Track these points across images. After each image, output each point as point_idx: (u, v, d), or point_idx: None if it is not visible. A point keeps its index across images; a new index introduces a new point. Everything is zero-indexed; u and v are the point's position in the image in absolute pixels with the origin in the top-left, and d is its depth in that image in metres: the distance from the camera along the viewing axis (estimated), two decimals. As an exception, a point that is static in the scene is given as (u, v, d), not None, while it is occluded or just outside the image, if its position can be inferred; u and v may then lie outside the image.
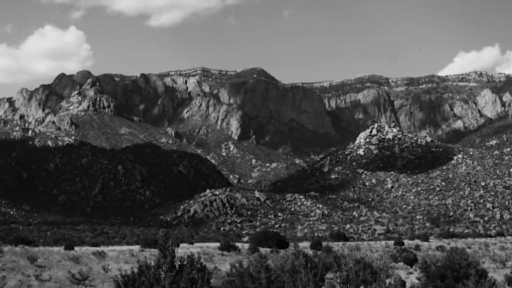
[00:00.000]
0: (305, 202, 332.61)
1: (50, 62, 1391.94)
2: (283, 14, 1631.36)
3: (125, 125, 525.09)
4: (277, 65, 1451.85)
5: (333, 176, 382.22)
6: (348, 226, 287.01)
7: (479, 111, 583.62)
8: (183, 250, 78.16)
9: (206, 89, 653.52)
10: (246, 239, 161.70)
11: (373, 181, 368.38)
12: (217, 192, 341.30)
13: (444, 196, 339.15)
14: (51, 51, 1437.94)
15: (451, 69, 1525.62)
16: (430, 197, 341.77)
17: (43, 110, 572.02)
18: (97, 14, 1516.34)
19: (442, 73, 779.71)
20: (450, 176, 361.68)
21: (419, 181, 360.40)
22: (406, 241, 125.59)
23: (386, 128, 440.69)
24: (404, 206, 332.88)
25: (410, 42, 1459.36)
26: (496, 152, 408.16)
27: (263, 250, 78.24)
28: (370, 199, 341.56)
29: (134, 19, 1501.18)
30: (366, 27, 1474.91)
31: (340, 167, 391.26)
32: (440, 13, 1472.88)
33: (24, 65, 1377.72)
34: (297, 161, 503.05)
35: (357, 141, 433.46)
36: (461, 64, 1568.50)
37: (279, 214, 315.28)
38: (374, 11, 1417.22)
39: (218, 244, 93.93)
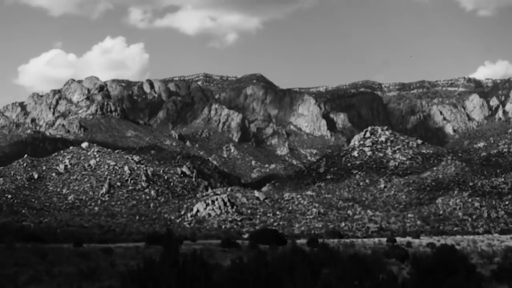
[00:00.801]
0: (302, 201, 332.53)
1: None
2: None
3: (131, 128, 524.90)
4: (275, 71, 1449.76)
5: (328, 177, 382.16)
6: (343, 224, 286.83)
7: (468, 115, 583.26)
8: (186, 246, 78.10)
9: (208, 94, 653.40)
10: (246, 236, 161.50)
11: (367, 181, 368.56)
12: (218, 192, 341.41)
13: (434, 196, 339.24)
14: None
15: (441, 75, 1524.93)
16: (421, 196, 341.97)
17: (53, 113, 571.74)
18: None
19: (432, 78, 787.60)
20: (440, 176, 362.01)
21: (411, 181, 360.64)
22: (398, 238, 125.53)
23: (379, 131, 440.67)
24: (396, 205, 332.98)
25: (401, 49, 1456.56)
26: (484, 154, 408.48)
27: (262, 246, 78.17)
28: (364, 199, 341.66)
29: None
30: (360, 35, 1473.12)
31: (335, 168, 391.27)
32: (430, 23, 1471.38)
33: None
34: (294, 162, 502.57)
35: (351, 144, 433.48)
36: (451, 69, 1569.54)
37: (278, 212, 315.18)
38: (367, 20, 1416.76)
39: (219, 241, 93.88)
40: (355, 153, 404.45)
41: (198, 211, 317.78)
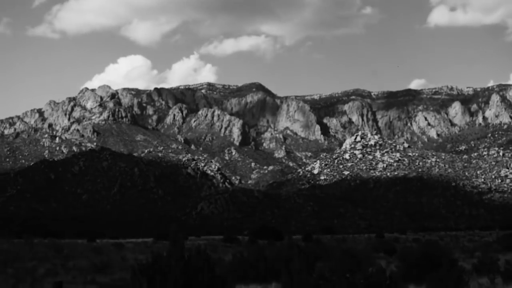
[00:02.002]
0: (298, 200, 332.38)
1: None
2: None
3: (140, 133, 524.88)
4: (273, 80, 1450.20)
5: (322, 178, 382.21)
6: (335, 221, 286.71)
7: (450, 121, 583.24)
8: (191, 242, 78.10)
9: (212, 101, 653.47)
10: (246, 232, 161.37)
11: (357, 181, 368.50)
12: (221, 192, 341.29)
13: (420, 195, 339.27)
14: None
15: (426, 84, 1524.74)
16: (407, 195, 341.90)
17: (69, 119, 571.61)
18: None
19: (417, 87, 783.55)
20: (425, 177, 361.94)
21: (398, 181, 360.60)
22: (386, 234, 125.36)
23: (369, 135, 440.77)
24: (384, 204, 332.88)
25: (389, 59, 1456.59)
26: (465, 156, 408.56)
27: (261, 242, 78.06)
28: (354, 197, 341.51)
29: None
30: (351, 45, 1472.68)
31: (329, 170, 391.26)
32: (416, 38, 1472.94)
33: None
34: (290, 164, 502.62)
35: (343, 147, 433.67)
36: (435, 78, 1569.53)
37: (275, 210, 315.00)
38: (357, 33, 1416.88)
39: (221, 237, 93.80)
40: (347, 156, 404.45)
41: (202, 209, 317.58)
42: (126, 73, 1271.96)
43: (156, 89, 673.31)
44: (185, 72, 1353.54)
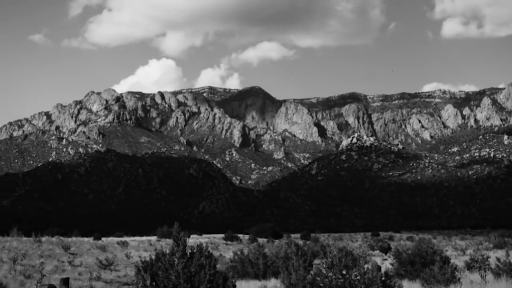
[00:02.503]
0: (296, 200, 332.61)
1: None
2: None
3: (144, 135, 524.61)
4: (272, 83, 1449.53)
5: (319, 178, 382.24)
6: (332, 220, 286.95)
7: (443, 123, 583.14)
8: (193, 240, 78.00)
9: (213, 104, 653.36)
10: (246, 231, 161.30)
11: (354, 182, 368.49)
12: (222, 191, 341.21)
13: (414, 195, 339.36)
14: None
15: (419, 87, 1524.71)
16: (401, 195, 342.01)
17: (75, 122, 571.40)
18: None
19: (411, 90, 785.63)
20: (419, 178, 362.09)
21: (392, 182, 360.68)
22: (381, 233, 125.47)
23: (365, 137, 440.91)
24: (379, 203, 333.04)
25: (384, 64, 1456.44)
26: (457, 157, 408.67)
27: (261, 240, 78.10)
28: (351, 197, 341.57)
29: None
30: (347, 51, 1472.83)
31: (326, 170, 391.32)
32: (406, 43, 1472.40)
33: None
34: (289, 165, 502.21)
35: (340, 148, 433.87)
36: (428, 82, 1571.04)
37: (274, 209, 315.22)
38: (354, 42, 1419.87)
39: (222, 235, 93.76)
40: (343, 157, 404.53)
41: (204, 208, 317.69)
42: (157, 80, 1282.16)
43: (159, 92, 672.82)
44: (211, 80, 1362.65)
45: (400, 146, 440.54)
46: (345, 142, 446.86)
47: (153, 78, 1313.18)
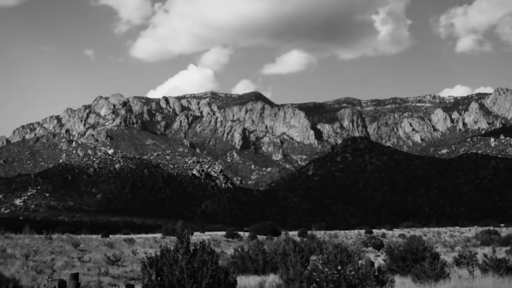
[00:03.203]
0: (293, 199, 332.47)
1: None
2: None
3: (149, 138, 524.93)
4: (271, 89, 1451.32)
5: (316, 178, 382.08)
6: (328, 218, 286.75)
7: (433, 127, 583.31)
8: (196, 237, 78.02)
9: (215, 108, 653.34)
10: (246, 228, 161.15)
11: (348, 182, 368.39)
12: (224, 191, 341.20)
13: (405, 194, 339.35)
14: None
15: (410, 92, 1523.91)
16: (393, 195, 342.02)
17: (84, 125, 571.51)
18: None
19: (403, 96, 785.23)
20: (410, 178, 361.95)
21: (385, 182, 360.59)
22: (374, 230, 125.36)
23: (359, 140, 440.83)
24: (373, 202, 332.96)
25: (376, 70, 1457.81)
26: (447, 159, 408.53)
27: (260, 237, 78.01)
28: (345, 197, 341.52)
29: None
30: (342, 58, 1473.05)
31: (322, 171, 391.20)
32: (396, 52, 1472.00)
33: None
34: (287, 166, 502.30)
35: (335, 150, 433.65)
36: (419, 87, 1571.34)
37: (273, 208, 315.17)
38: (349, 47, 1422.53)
39: (224, 233, 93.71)
40: (338, 158, 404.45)
41: (206, 207, 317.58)
42: (193, 87, 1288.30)
43: (164, 97, 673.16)
44: (243, 92, 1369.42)
45: (393, 149, 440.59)
46: (340, 145, 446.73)
47: (190, 85, 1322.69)
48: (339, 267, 15.56)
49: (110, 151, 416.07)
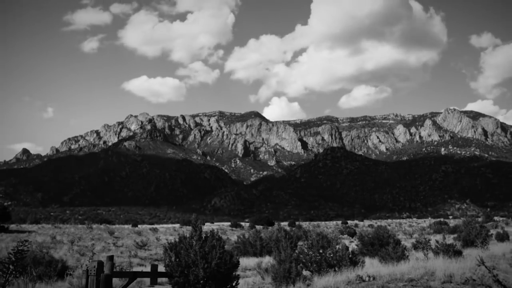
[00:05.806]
0: (284, 196, 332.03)
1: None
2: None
3: (170, 148, 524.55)
4: (266, 109, 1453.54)
5: (302, 180, 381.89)
6: (312, 211, 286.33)
7: (396, 139, 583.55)
8: (207, 227, 77.93)
9: (222, 124, 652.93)
10: (247, 220, 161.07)
11: (328, 183, 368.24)
12: (229, 190, 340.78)
13: (373, 193, 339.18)
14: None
15: (378, 111, 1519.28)
16: (364, 193, 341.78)
17: (118, 137, 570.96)
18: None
19: (372, 114, 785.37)
20: (377, 180, 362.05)
21: (357, 183, 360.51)
22: (349, 221, 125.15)
23: (336, 149, 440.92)
24: (348, 199, 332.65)
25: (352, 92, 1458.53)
26: (407, 165, 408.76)
27: (258, 227, 77.99)
28: (326, 195, 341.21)
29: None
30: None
31: (307, 174, 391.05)
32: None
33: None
34: (279, 170, 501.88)
35: (317, 158, 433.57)
36: (385, 108, 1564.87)
37: (268, 204, 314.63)
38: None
39: (229, 223, 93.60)
40: (320, 164, 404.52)
41: (215, 203, 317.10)
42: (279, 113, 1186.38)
43: (181, 115, 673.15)
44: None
45: (363, 156, 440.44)
46: (321, 153, 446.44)
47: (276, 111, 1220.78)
48: (321, 251, 15.62)
49: (139, 159, 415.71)
